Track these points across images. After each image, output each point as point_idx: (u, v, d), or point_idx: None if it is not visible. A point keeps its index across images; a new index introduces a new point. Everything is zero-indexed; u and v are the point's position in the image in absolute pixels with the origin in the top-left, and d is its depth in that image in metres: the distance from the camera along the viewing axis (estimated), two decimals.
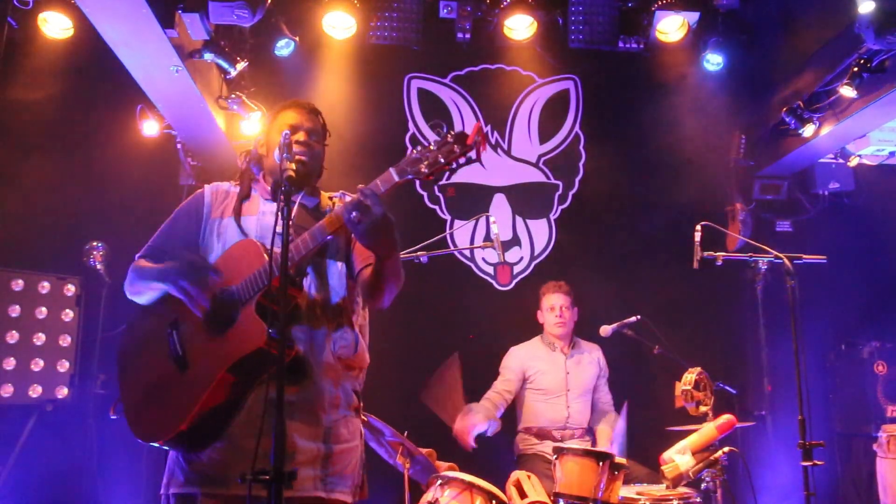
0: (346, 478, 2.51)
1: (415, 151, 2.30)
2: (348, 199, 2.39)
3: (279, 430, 1.96)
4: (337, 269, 2.63)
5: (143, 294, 2.61)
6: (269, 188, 2.72)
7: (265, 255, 2.41)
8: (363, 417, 2.74)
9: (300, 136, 2.64)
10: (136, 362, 2.60)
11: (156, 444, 2.48)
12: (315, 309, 2.53)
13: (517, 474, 3.80)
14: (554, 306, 5.08)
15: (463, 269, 6.00)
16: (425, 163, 2.27)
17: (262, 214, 2.67)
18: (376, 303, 2.61)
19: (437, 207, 6.05)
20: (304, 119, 2.70)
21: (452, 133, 2.26)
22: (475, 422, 4.58)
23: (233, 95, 5.13)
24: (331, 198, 2.80)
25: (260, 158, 2.77)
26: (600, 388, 5.16)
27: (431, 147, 2.28)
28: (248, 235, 2.59)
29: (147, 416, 2.50)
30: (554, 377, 5.00)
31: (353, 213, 2.27)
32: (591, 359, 5.14)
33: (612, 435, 4.89)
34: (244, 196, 2.72)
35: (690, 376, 4.14)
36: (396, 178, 2.30)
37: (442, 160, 2.26)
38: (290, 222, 2.25)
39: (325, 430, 2.48)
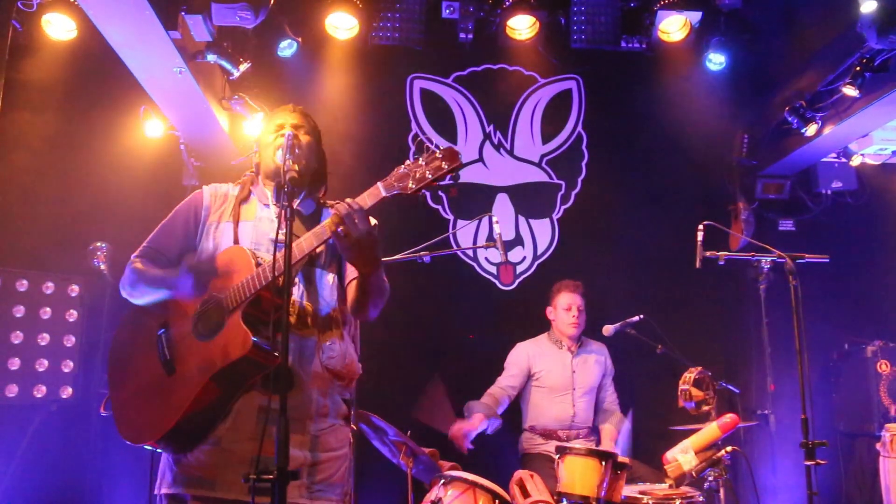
0: (333, 486, 2.51)
1: (402, 167, 2.34)
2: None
3: (282, 430, 1.96)
4: (328, 280, 2.64)
5: (143, 297, 2.61)
6: (269, 192, 2.73)
7: (254, 265, 2.43)
8: (353, 427, 2.74)
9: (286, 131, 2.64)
10: (126, 363, 2.61)
11: (144, 446, 2.50)
12: (305, 318, 2.54)
13: (520, 473, 3.80)
14: (570, 306, 5.07)
15: (466, 268, 6.00)
16: (412, 178, 2.30)
17: (259, 220, 2.67)
18: (362, 316, 2.63)
19: (439, 207, 6.06)
20: (288, 117, 2.72)
21: (441, 149, 2.30)
22: (471, 426, 4.62)
23: (236, 96, 5.14)
24: (332, 206, 2.80)
25: (257, 166, 2.79)
26: (606, 387, 5.17)
27: (420, 162, 2.31)
28: (243, 242, 2.60)
29: (134, 418, 2.51)
30: (560, 375, 5.01)
31: (340, 228, 2.30)
32: (598, 358, 5.14)
33: (616, 434, 4.90)
34: (242, 199, 2.73)
35: (689, 376, 4.14)
36: (384, 193, 2.34)
37: (430, 176, 2.30)
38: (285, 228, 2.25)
39: (312, 439, 2.49)
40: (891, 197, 6.12)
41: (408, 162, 2.34)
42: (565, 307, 5.09)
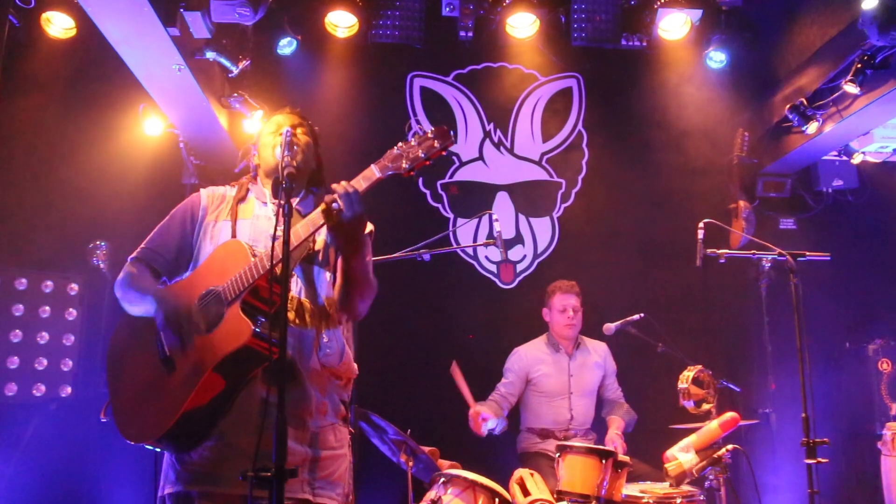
0: (334, 484, 2.51)
1: (396, 148, 2.36)
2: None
3: (280, 427, 1.95)
4: (325, 277, 2.63)
5: (129, 305, 2.62)
6: (267, 191, 2.73)
7: (251, 255, 2.43)
8: (351, 430, 2.73)
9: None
10: (125, 364, 2.60)
11: (146, 446, 2.48)
12: (303, 314, 2.54)
13: (520, 472, 3.79)
14: (566, 307, 5.04)
15: (466, 267, 5.99)
16: (406, 159, 2.33)
17: (256, 218, 2.68)
18: (349, 309, 2.62)
19: (439, 206, 6.05)
20: (287, 118, 2.73)
21: (433, 129, 2.33)
22: (487, 412, 4.64)
23: (235, 94, 5.13)
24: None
25: (256, 166, 2.80)
26: (609, 386, 5.14)
27: (412, 143, 2.34)
28: (240, 238, 2.59)
29: (134, 418, 2.50)
30: (557, 379, 4.99)
31: (334, 203, 2.33)
32: (596, 360, 5.12)
33: (623, 425, 4.86)
34: (240, 198, 2.73)
35: (688, 374, 4.12)
36: (378, 175, 2.36)
37: (422, 155, 2.32)
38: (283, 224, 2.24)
39: (312, 435, 2.48)
40: (892, 195, 6.11)
41: (400, 143, 2.37)
42: (560, 309, 5.06)
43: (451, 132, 2.34)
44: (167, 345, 2.49)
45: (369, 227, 2.71)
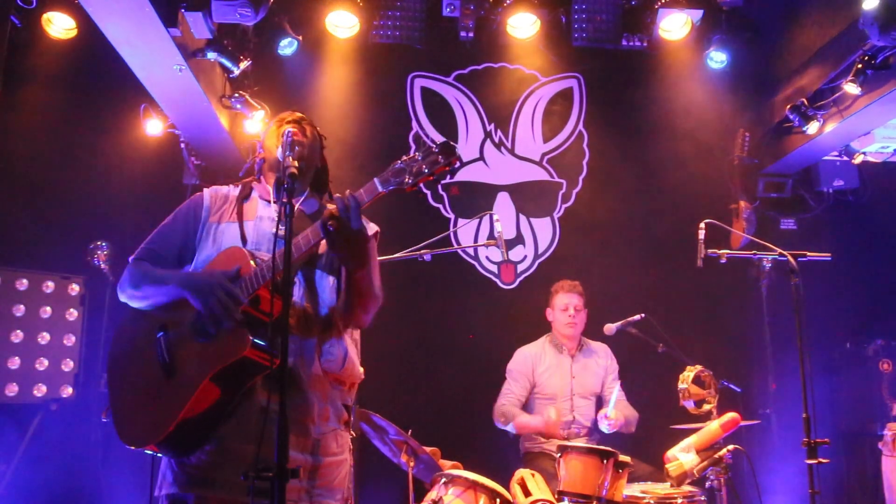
0: (333, 490, 2.51)
1: (399, 162, 2.32)
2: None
3: (282, 429, 1.94)
4: (328, 282, 2.60)
5: (146, 297, 2.57)
6: (271, 187, 2.72)
7: (252, 263, 2.41)
8: (353, 434, 2.72)
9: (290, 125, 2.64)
10: (125, 368, 2.59)
11: (145, 451, 2.47)
12: (305, 320, 2.52)
13: (521, 472, 3.78)
14: (567, 306, 5.04)
15: (466, 267, 5.99)
16: (409, 173, 2.29)
17: (260, 220, 2.65)
18: (352, 320, 2.59)
19: (440, 206, 6.05)
20: (291, 117, 2.71)
21: (438, 144, 2.29)
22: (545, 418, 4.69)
23: (236, 94, 5.13)
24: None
25: (262, 162, 2.78)
26: (610, 385, 5.10)
27: (416, 157, 2.30)
28: (246, 241, 2.58)
29: (133, 422, 2.49)
30: (559, 381, 4.98)
31: (331, 222, 2.29)
32: (599, 362, 5.11)
33: (622, 417, 4.76)
34: (244, 196, 2.71)
35: (688, 374, 4.12)
36: (380, 189, 2.32)
37: (426, 170, 2.28)
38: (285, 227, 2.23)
39: (314, 442, 2.48)
40: (893, 195, 6.10)
41: (404, 157, 2.33)
42: (562, 308, 5.06)
43: (456, 147, 2.29)
44: (167, 349, 2.47)
45: (374, 227, 2.69)
